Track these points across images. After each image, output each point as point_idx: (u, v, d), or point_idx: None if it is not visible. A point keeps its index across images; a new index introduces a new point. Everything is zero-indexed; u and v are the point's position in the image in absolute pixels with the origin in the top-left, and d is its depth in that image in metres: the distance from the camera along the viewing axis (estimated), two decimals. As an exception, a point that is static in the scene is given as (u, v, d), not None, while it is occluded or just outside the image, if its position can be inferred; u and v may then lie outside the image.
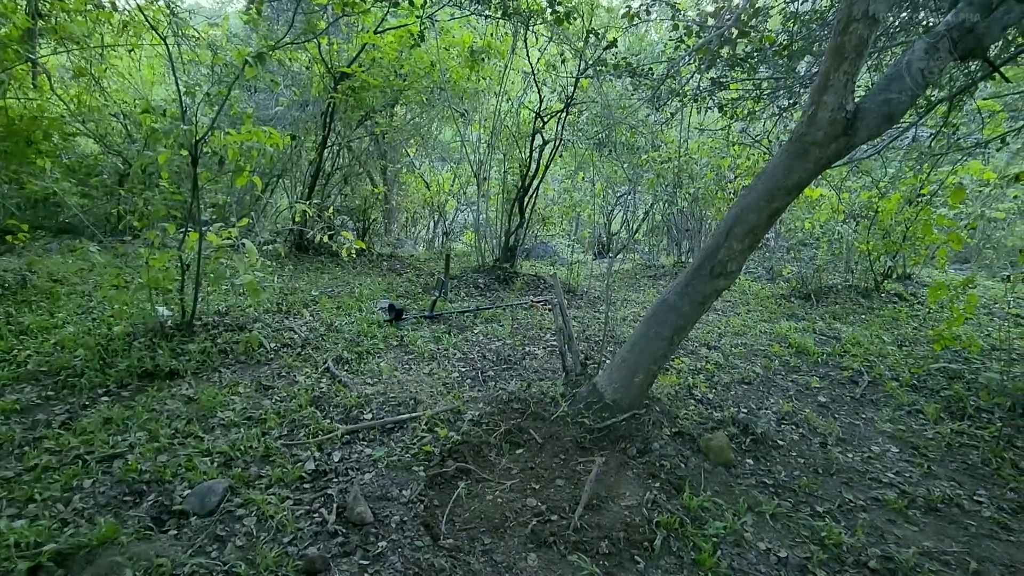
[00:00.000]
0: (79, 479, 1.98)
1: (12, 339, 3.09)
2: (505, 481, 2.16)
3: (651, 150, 7.38)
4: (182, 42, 6.50)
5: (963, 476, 2.49)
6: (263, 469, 2.14)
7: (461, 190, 8.49)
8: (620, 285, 6.58)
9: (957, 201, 3.61)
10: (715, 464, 2.41)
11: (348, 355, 3.34)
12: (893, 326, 4.65)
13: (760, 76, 4.06)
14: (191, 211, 3.23)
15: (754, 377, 3.49)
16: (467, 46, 5.57)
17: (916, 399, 3.22)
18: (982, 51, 2.02)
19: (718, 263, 2.32)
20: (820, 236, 5.91)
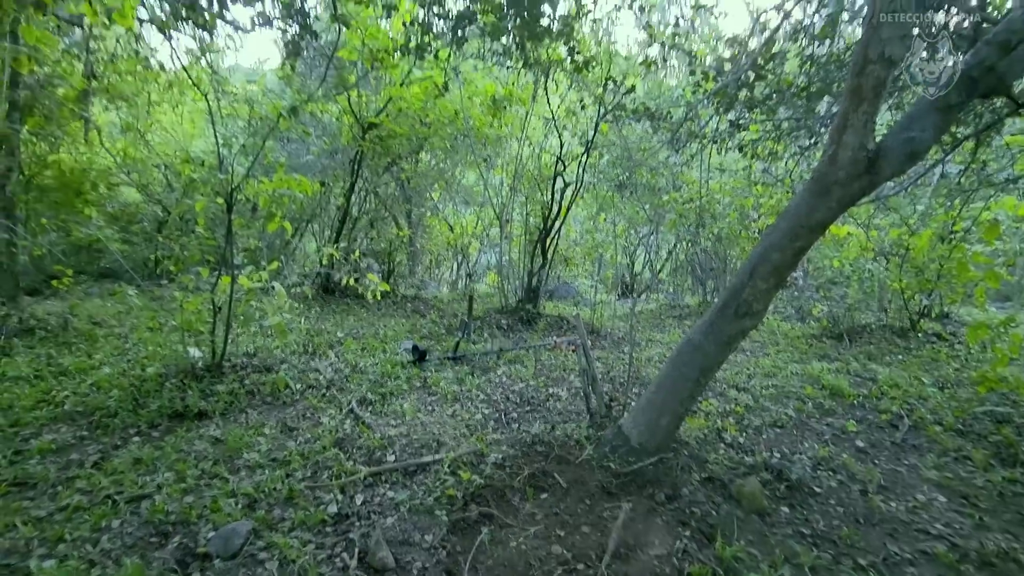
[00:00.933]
0: (108, 519, 2.00)
1: (52, 380, 3.19)
2: (529, 527, 2.10)
3: (672, 191, 7.43)
4: (222, 98, 6.91)
5: (1018, 528, 2.32)
6: (286, 511, 2.13)
7: (484, 232, 8.64)
8: (644, 325, 6.51)
9: (992, 237, 3.53)
10: (748, 512, 2.30)
11: (372, 396, 3.35)
12: (932, 367, 4.46)
13: (779, 117, 4.10)
14: (224, 256, 3.35)
15: (787, 420, 3.37)
16: (490, 95, 5.79)
17: (962, 444, 3.06)
18: (1005, 88, 2.01)
19: (743, 302, 2.29)
20: (850, 274, 5.79)
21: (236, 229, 3.79)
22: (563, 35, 4.01)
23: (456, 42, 3.83)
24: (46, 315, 4.26)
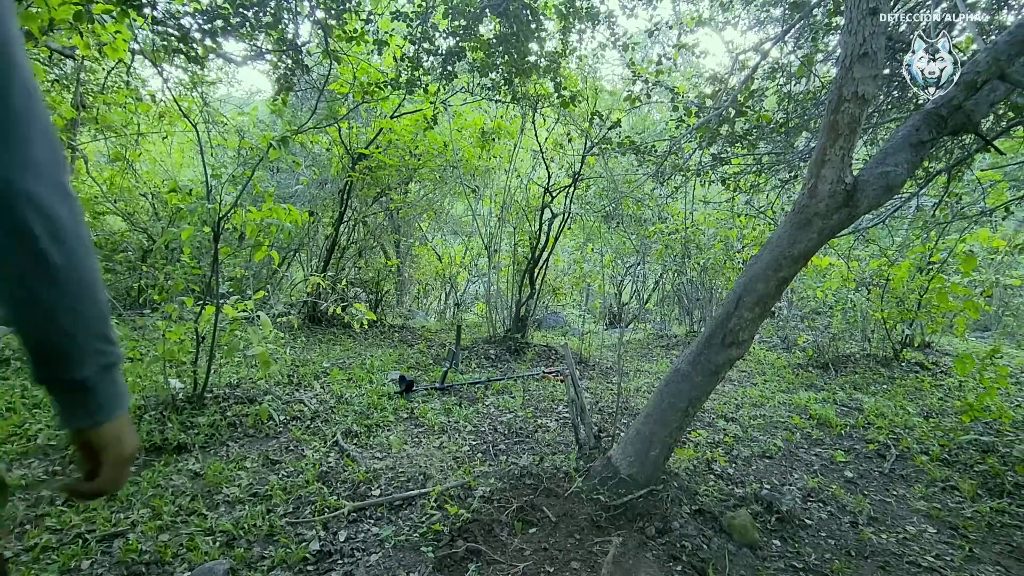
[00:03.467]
0: (78, 559, 1.92)
1: (26, 413, 3.09)
2: (518, 563, 2.05)
3: (658, 222, 7.56)
4: (212, 128, 6.96)
5: (1009, 560, 2.32)
6: (266, 549, 2.05)
7: (472, 262, 8.67)
8: (632, 355, 6.51)
9: (969, 269, 3.62)
10: (740, 545, 2.27)
11: (357, 428, 3.29)
12: (917, 396, 4.50)
13: (760, 151, 4.23)
14: (210, 284, 3.32)
15: (775, 450, 3.36)
16: (478, 127, 5.90)
17: (949, 474, 3.07)
18: (973, 126, 2.10)
19: (730, 332, 2.31)
20: (833, 304, 5.88)
21: (223, 258, 3.77)
22: (550, 71, 4.13)
23: (445, 77, 3.93)
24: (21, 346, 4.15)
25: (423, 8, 3.65)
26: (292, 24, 3.68)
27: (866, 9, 1.89)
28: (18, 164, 0.60)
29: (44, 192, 0.62)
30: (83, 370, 0.69)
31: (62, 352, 0.67)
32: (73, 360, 0.68)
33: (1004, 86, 2.06)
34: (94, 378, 0.70)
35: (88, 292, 0.67)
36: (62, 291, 0.64)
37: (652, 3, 4.02)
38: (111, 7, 3.06)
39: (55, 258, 0.62)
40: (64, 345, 0.67)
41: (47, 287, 0.63)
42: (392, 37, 4.12)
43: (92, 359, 0.69)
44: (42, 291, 0.63)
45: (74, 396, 0.70)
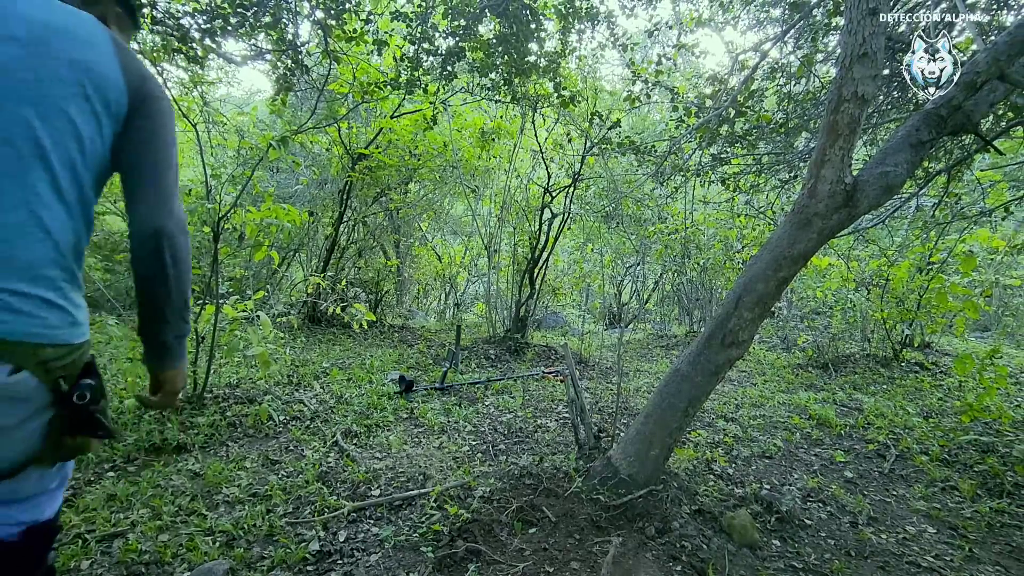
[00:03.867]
0: (77, 560, 1.91)
1: (24, 413, 3.09)
2: (517, 564, 2.05)
3: (658, 222, 7.56)
4: (211, 128, 6.95)
5: (1009, 560, 2.32)
6: (266, 550, 2.05)
7: (472, 262, 8.67)
8: (632, 355, 6.51)
9: (969, 269, 3.62)
10: (739, 545, 2.27)
11: (357, 428, 3.29)
12: (917, 396, 4.51)
13: (759, 152, 4.23)
14: (209, 285, 3.32)
15: (775, 451, 3.36)
16: (478, 127, 5.90)
17: (949, 475, 3.07)
18: (972, 126, 2.10)
19: (729, 332, 2.31)
20: (833, 305, 5.88)
21: (222, 258, 3.77)
22: (550, 71, 4.13)
23: (445, 77, 3.92)
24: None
25: (423, 8, 3.65)
26: (292, 24, 3.68)
27: (866, 9, 1.90)
28: (166, 213, 1.04)
29: (176, 231, 1.04)
30: (167, 336, 1.11)
31: (159, 323, 1.09)
32: (163, 329, 1.10)
33: (1004, 86, 2.06)
34: (171, 342, 1.13)
35: (182, 291, 1.08)
36: (168, 291, 1.06)
37: (652, 3, 4.02)
38: (111, 7, 3.05)
39: (170, 271, 1.04)
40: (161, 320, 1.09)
41: (162, 287, 1.05)
42: (392, 37, 4.12)
43: (173, 331, 1.11)
44: (158, 289, 1.05)
45: (158, 350, 1.13)
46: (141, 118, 1.03)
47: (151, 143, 1.05)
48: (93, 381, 1.04)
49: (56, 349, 0.98)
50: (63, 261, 0.98)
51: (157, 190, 1.05)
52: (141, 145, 1.04)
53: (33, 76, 0.92)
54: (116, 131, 1.02)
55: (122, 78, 1.00)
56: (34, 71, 0.92)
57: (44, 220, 0.93)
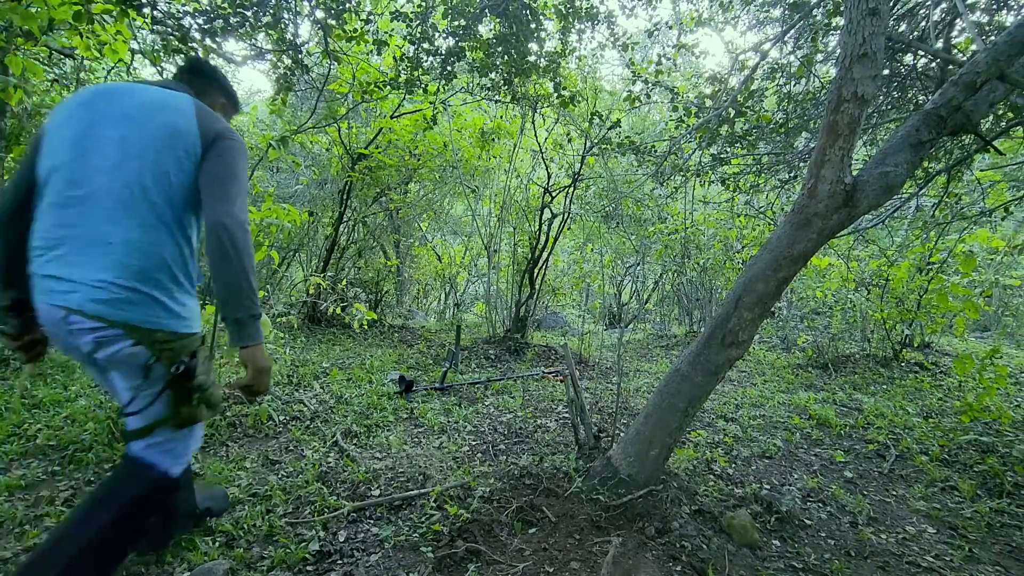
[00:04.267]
0: (76, 560, 1.91)
1: (25, 413, 3.09)
2: (517, 564, 2.05)
3: (658, 222, 7.56)
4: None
5: (1009, 560, 2.32)
6: (266, 549, 2.05)
7: (472, 262, 8.66)
8: (632, 355, 6.51)
9: (969, 269, 3.62)
10: (739, 545, 2.27)
11: (357, 428, 3.29)
12: (917, 396, 4.51)
13: (759, 152, 4.23)
14: (209, 285, 3.31)
15: (775, 451, 3.36)
16: (478, 127, 5.90)
17: (949, 475, 3.07)
18: (972, 126, 2.10)
19: (729, 332, 2.31)
20: (833, 305, 5.88)
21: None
22: (549, 71, 4.13)
23: (445, 77, 3.92)
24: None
25: (423, 8, 3.65)
26: (292, 24, 3.68)
27: (866, 9, 1.90)
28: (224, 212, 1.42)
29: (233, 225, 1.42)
30: (239, 314, 1.42)
31: (229, 304, 1.42)
32: (233, 308, 1.42)
33: (1003, 86, 2.06)
34: (243, 320, 1.43)
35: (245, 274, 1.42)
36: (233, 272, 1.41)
37: (652, 3, 4.02)
38: (111, 7, 3.06)
39: (230, 254, 1.40)
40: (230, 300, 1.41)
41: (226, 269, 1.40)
42: (392, 37, 4.12)
43: (243, 309, 1.42)
44: (223, 270, 1.40)
45: (233, 329, 1.43)
46: (212, 154, 1.49)
47: (217, 166, 1.49)
48: (190, 362, 1.49)
49: (164, 334, 1.45)
50: (168, 269, 1.46)
51: (220, 195, 1.46)
52: (210, 169, 1.48)
53: (140, 140, 1.43)
54: (196, 164, 1.48)
55: (198, 131, 1.49)
56: (141, 137, 1.43)
57: (151, 238, 1.42)
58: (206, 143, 1.49)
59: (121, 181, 1.40)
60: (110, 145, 1.42)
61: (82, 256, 1.37)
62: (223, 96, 1.83)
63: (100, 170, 1.40)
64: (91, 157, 1.41)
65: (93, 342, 1.39)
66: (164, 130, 1.45)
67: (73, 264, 1.37)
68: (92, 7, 2.97)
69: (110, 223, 1.38)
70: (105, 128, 1.43)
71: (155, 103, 1.48)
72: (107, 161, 1.41)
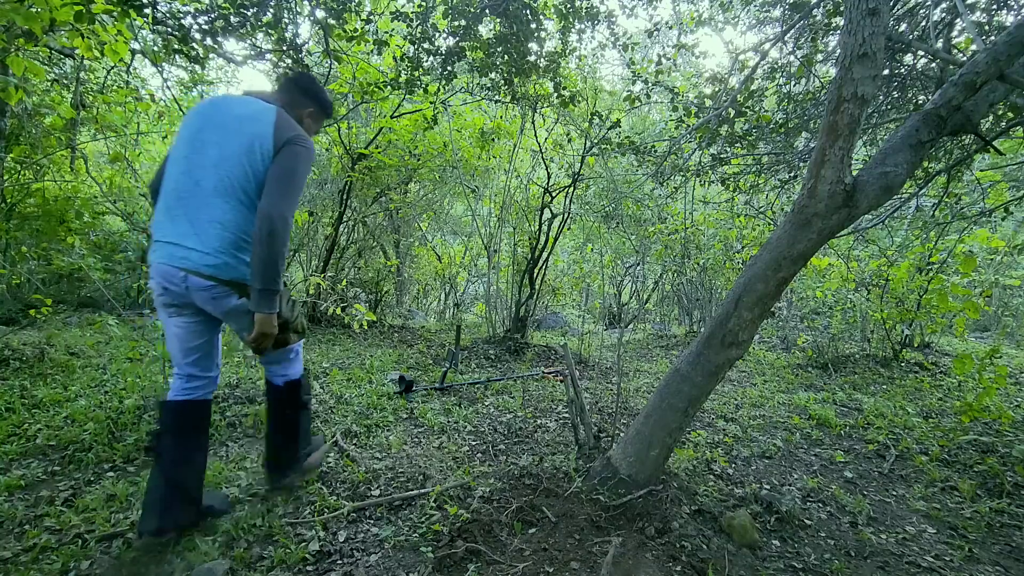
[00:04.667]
0: (77, 560, 1.91)
1: (25, 413, 3.10)
2: (517, 564, 2.05)
3: (658, 222, 7.56)
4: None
5: (1009, 560, 2.32)
6: (266, 549, 2.05)
7: (472, 262, 8.66)
8: (632, 355, 6.51)
9: (969, 269, 3.62)
10: (739, 546, 2.27)
11: (357, 428, 3.29)
12: (916, 397, 4.51)
13: (759, 152, 4.23)
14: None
15: (775, 451, 3.36)
16: (478, 128, 5.90)
17: (949, 475, 3.07)
18: (972, 126, 2.10)
19: (729, 332, 2.31)
20: (833, 305, 5.88)
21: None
22: (549, 71, 4.13)
23: (445, 77, 3.92)
24: (21, 345, 4.15)
25: (423, 8, 3.65)
26: (292, 24, 3.68)
27: (866, 9, 1.90)
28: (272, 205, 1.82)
29: (275, 218, 1.81)
30: (260, 285, 1.81)
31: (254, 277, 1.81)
32: (256, 279, 1.80)
33: (1003, 87, 2.06)
34: (263, 292, 1.82)
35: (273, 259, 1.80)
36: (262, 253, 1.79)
37: (652, 3, 4.02)
38: (112, 7, 3.06)
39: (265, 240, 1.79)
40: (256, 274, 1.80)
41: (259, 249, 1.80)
42: (392, 37, 4.12)
43: (266, 283, 1.81)
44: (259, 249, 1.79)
45: (256, 296, 1.83)
46: (279, 157, 1.91)
47: (280, 167, 1.90)
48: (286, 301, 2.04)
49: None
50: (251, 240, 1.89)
51: (274, 190, 1.86)
52: (274, 169, 1.89)
53: (232, 146, 1.88)
54: (268, 164, 1.90)
55: (272, 138, 1.90)
56: (233, 144, 1.88)
57: (241, 218, 1.89)
58: (277, 148, 1.91)
59: (219, 176, 1.87)
60: (212, 148, 1.89)
61: (195, 230, 1.85)
62: (313, 105, 2.24)
63: (205, 167, 1.87)
64: (199, 156, 1.89)
65: (210, 298, 1.90)
66: (249, 139, 1.89)
67: (189, 235, 1.84)
68: (93, 7, 2.96)
69: (213, 206, 1.86)
70: (209, 134, 1.91)
71: (245, 116, 1.93)
72: (209, 160, 1.87)
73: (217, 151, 1.88)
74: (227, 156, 1.87)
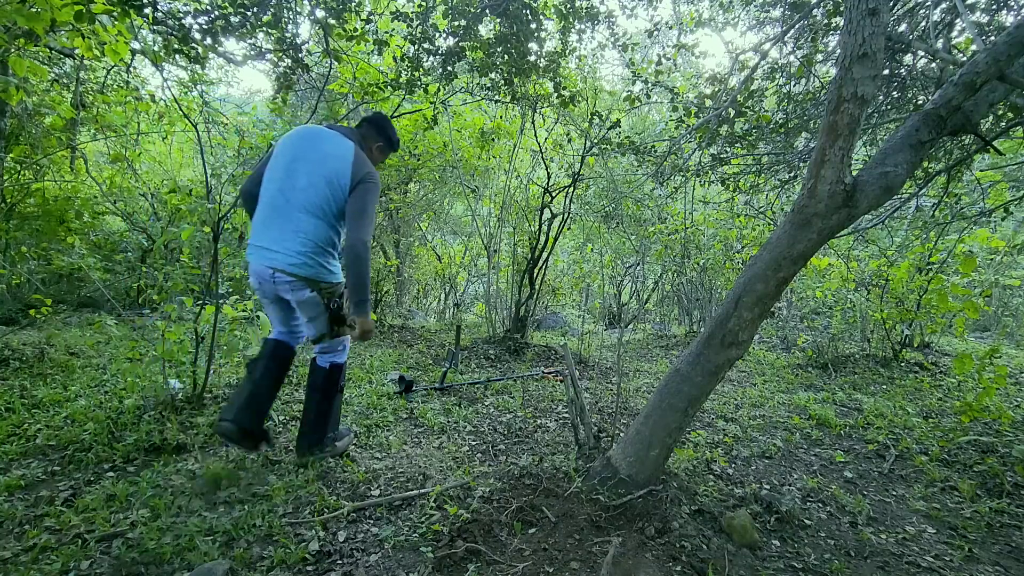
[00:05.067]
0: (77, 560, 1.91)
1: (24, 413, 3.10)
2: (517, 564, 2.05)
3: (658, 222, 7.56)
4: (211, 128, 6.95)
5: (1008, 560, 2.32)
6: (266, 549, 2.05)
7: (472, 262, 8.66)
8: (632, 355, 6.51)
9: (969, 269, 3.62)
10: (739, 546, 2.27)
11: (357, 428, 3.29)
12: (916, 397, 4.51)
13: (759, 152, 4.23)
14: (210, 285, 3.32)
15: (775, 451, 3.36)
16: (478, 128, 5.89)
17: (948, 475, 3.07)
18: (972, 126, 2.10)
19: (729, 332, 2.31)
20: (833, 305, 5.88)
21: (222, 258, 3.76)
22: (549, 71, 4.13)
23: (445, 77, 3.92)
24: (21, 345, 4.15)
25: (423, 8, 3.65)
26: (292, 24, 3.67)
27: (865, 10, 1.90)
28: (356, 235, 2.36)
29: (359, 245, 2.34)
30: (356, 297, 2.41)
31: (353, 289, 2.40)
32: (354, 293, 2.40)
33: (1003, 87, 2.06)
34: (359, 301, 2.41)
35: (361, 277, 2.36)
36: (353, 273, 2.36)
37: (652, 3, 4.02)
38: (112, 7, 3.06)
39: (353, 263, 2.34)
40: (351, 288, 2.41)
41: (353, 269, 2.35)
42: (392, 37, 4.12)
43: (360, 296, 2.39)
44: (352, 270, 2.36)
45: (353, 305, 2.43)
46: (356, 192, 2.42)
47: (357, 202, 2.41)
48: (340, 300, 2.54)
49: (326, 284, 2.47)
50: (328, 248, 2.45)
51: (355, 223, 2.38)
52: (352, 203, 2.42)
53: (318, 176, 2.39)
54: (346, 195, 2.42)
55: (350, 174, 2.41)
56: (318, 174, 2.39)
57: (321, 231, 2.40)
58: (354, 183, 2.43)
59: (305, 197, 2.39)
60: (302, 176, 2.41)
61: (284, 237, 2.37)
62: (382, 140, 2.76)
63: (296, 189, 2.40)
64: (291, 180, 2.42)
65: (289, 289, 2.43)
66: (332, 172, 2.41)
67: (279, 242, 2.37)
68: (93, 7, 2.96)
69: (298, 220, 2.38)
70: (300, 164, 2.43)
71: (330, 153, 2.44)
72: (300, 184, 2.40)
73: (306, 179, 2.40)
74: (313, 184, 2.39)
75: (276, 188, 2.41)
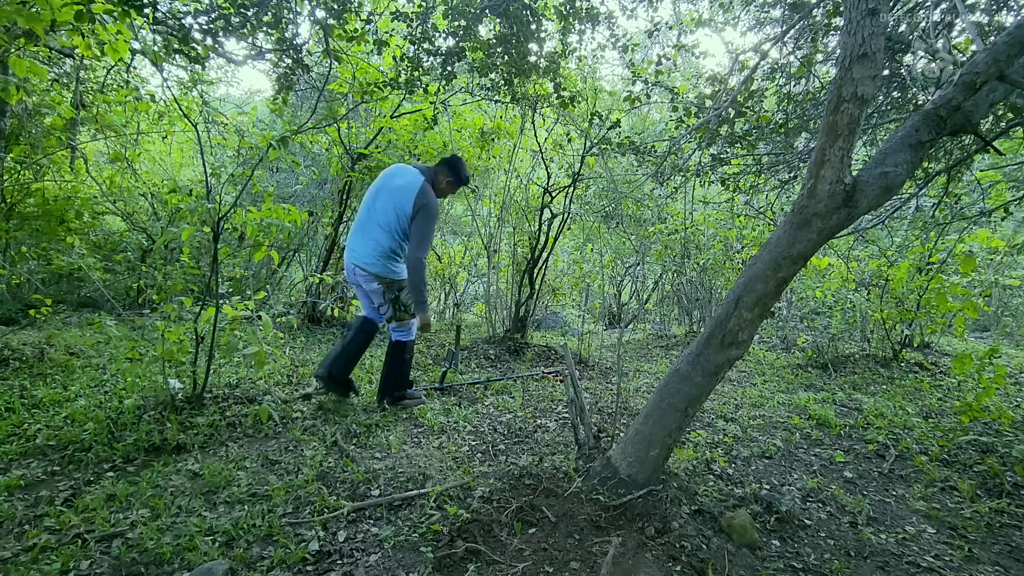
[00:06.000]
0: (77, 560, 1.91)
1: (24, 413, 3.10)
2: (517, 564, 2.05)
3: (658, 222, 7.55)
4: (211, 127, 6.95)
5: (1008, 560, 2.32)
6: (266, 549, 2.05)
7: (472, 262, 8.65)
8: (632, 355, 6.51)
9: (969, 270, 3.62)
10: (739, 545, 2.27)
11: (357, 428, 3.29)
12: (916, 397, 4.51)
13: (759, 152, 4.22)
14: (209, 285, 3.32)
15: (775, 451, 3.36)
16: (478, 128, 5.89)
17: (948, 475, 3.07)
18: (972, 126, 2.10)
19: (729, 332, 2.31)
20: (833, 305, 5.88)
21: (222, 258, 3.76)
22: (549, 71, 4.13)
23: (445, 77, 3.92)
24: (21, 345, 4.15)
25: (423, 8, 3.65)
26: (292, 24, 3.67)
27: (865, 10, 1.90)
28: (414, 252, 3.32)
29: (416, 261, 3.31)
30: (414, 299, 3.41)
31: (412, 294, 3.40)
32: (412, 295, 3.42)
33: (1003, 87, 2.06)
34: (419, 303, 3.39)
35: (417, 284, 3.33)
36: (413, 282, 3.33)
37: (652, 4, 4.02)
38: (112, 7, 3.05)
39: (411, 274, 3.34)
40: (413, 292, 3.38)
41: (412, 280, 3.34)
42: (392, 37, 4.12)
43: (419, 298, 3.37)
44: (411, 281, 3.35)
45: (414, 306, 3.47)
46: (416, 218, 3.31)
47: (417, 227, 3.31)
48: (400, 292, 3.46)
49: (390, 279, 3.41)
50: (395, 253, 3.38)
51: (415, 244, 3.29)
52: (414, 227, 3.31)
53: (392, 204, 3.35)
54: (410, 220, 3.32)
55: (412, 204, 3.30)
56: (392, 204, 3.35)
57: (390, 241, 3.36)
58: (415, 212, 3.29)
59: (384, 219, 3.33)
60: (380, 201, 3.37)
61: (363, 243, 3.36)
62: (452, 176, 3.57)
63: (375, 210, 3.37)
64: (374, 204, 3.39)
65: (363, 280, 3.39)
66: (399, 200, 3.32)
67: (361, 245, 3.36)
68: (93, 7, 2.96)
69: (374, 232, 3.34)
70: (381, 192, 3.40)
71: (403, 187, 3.34)
72: (378, 207, 3.36)
73: (381, 204, 3.35)
74: (387, 209, 3.32)
75: (365, 208, 3.40)
